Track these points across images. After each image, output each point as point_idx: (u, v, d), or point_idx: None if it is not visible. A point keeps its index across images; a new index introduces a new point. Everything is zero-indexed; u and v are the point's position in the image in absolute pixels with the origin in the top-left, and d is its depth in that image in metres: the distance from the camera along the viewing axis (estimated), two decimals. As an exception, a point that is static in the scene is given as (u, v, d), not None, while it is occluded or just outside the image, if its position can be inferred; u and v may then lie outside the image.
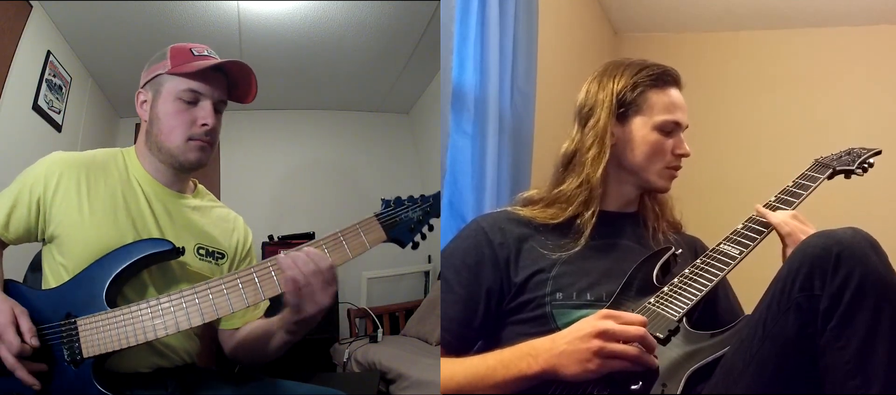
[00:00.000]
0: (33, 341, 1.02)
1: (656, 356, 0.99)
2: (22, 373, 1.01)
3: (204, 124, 1.22)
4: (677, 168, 1.31)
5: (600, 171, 1.26)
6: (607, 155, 1.27)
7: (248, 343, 1.28)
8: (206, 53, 1.27)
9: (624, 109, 1.28)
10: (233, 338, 1.31)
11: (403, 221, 1.17)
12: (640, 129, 1.28)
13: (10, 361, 1.00)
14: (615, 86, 1.28)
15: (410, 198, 1.20)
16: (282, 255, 1.06)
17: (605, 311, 1.03)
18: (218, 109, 1.26)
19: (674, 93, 1.29)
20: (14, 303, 1.05)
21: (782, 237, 1.21)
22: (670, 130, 1.28)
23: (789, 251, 1.13)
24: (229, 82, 1.28)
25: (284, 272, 1.05)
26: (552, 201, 1.30)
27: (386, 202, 1.19)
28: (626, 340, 0.98)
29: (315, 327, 1.12)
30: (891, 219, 2.42)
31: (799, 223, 1.19)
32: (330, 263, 1.06)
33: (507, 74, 2.08)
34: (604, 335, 0.98)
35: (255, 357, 1.28)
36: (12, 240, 1.18)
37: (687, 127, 1.31)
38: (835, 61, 3.11)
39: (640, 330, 0.99)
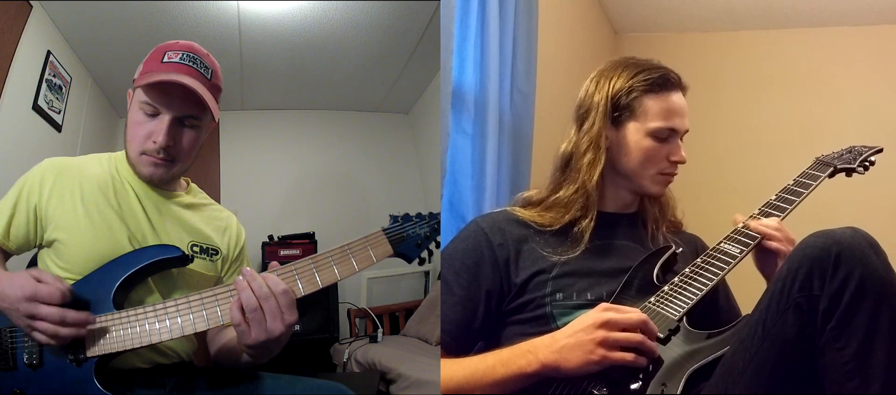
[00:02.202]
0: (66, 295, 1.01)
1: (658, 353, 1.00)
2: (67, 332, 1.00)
3: (154, 141, 1.17)
4: (672, 174, 1.29)
5: (596, 176, 1.25)
6: (603, 160, 1.26)
7: (226, 352, 1.26)
8: (176, 60, 1.18)
9: (618, 113, 1.27)
10: (216, 341, 1.30)
11: (410, 236, 1.17)
12: (634, 134, 1.26)
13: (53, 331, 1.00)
14: (611, 88, 1.27)
15: (418, 215, 1.20)
16: (239, 278, 1.02)
17: (604, 304, 1.04)
18: (185, 124, 1.20)
19: (673, 98, 1.26)
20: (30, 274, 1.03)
21: (766, 248, 1.18)
22: (665, 136, 1.26)
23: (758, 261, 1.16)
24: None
25: (239, 293, 1.01)
26: (550, 206, 1.29)
27: (394, 218, 1.19)
28: (628, 328, 0.99)
29: (277, 351, 1.07)
30: (891, 219, 2.42)
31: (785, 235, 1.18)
32: (284, 288, 1.01)
33: (507, 73, 2.08)
34: (607, 324, 0.99)
35: (230, 367, 1.26)
36: (14, 250, 1.18)
37: (686, 132, 1.29)
38: (835, 61, 3.11)
39: (641, 317, 1.01)
